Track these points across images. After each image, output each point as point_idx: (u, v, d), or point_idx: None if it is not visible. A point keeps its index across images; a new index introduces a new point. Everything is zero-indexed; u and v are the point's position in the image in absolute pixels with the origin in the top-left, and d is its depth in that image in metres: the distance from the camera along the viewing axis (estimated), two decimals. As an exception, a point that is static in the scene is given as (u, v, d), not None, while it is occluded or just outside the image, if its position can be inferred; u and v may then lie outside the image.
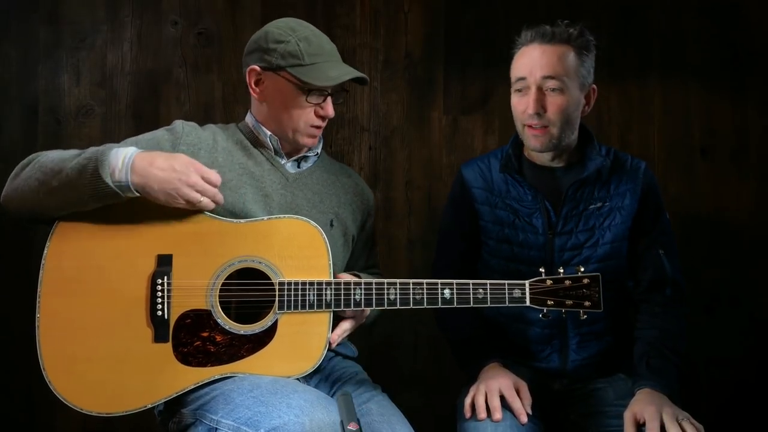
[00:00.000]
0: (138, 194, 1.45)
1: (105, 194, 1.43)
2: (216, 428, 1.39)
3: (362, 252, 1.86)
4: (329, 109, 1.66)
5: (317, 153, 1.75)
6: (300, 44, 1.60)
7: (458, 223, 1.86)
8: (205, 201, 1.49)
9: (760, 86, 2.46)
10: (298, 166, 1.73)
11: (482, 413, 1.56)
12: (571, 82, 1.66)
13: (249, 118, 1.73)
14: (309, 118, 1.65)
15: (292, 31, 1.62)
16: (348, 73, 1.64)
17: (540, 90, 1.66)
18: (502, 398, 1.58)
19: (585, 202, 1.73)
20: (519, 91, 1.71)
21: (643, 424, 1.48)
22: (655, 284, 1.72)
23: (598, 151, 1.75)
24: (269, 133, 1.67)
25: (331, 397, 1.61)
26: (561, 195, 1.73)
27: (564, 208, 1.73)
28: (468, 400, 1.60)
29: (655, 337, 1.66)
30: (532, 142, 1.71)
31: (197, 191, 1.47)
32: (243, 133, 1.71)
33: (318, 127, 1.67)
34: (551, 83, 1.65)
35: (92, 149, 1.47)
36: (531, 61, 1.67)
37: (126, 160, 1.43)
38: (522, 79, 1.69)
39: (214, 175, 1.51)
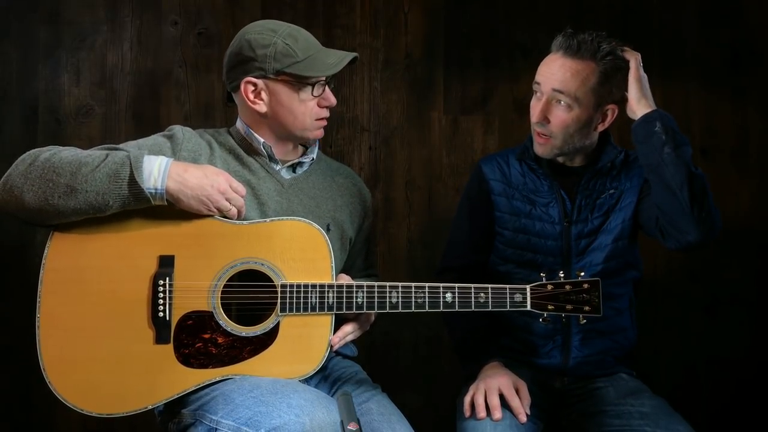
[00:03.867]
0: (166, 203, 1.45)
1: (137, 200, 1.42)
2: (216, 428, 1.38)
3: (360, 253, 1.86)
4: (332, 98, 1.66)
5: (312, 157, 1.74)
6: (288, 42, 1.58)
7: (473, 214, 1.88)
8: (233, 210, 1.50)
9: (760, 86, 2.47)
10: (294, 172, 1.72)
11: (482, 412, 1.57)
12: (583, 99, 1.66)
13: (240, 125, 1.70)
14: (314, 112, 1.64)
15: (273, 33, 1.60)
16: (345, 55, 1.64)
17: (548, 101, 1.68)
18: (502, 397, 1.59)
19: (598, 192, 1.76)
20: (535, 93, 1.73)
21: None
22: None
23: (613, 147, 1.79)
24: (262, 140, 1.65)
25: (332, 396, 1.62)
26: (575, 185, 1.76)
27: (578, 196, 1.76)
28: (467, 399, 1.61)
29: None
30: (536, 147, 1.76)
31: (227, 199, 1.48)
32: (235, 141, 1.68)
33: (324, 118, 1.67)
34: (559, 97, 1.66)
35: (116, 154, 1.45)
36: (549, 70, 1.68)
37: (162, 167, 1.44)
38: (537, 83, 1.71)
39: (241, 186, 1.52)
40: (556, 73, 1.66)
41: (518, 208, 1.80)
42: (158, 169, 1.43)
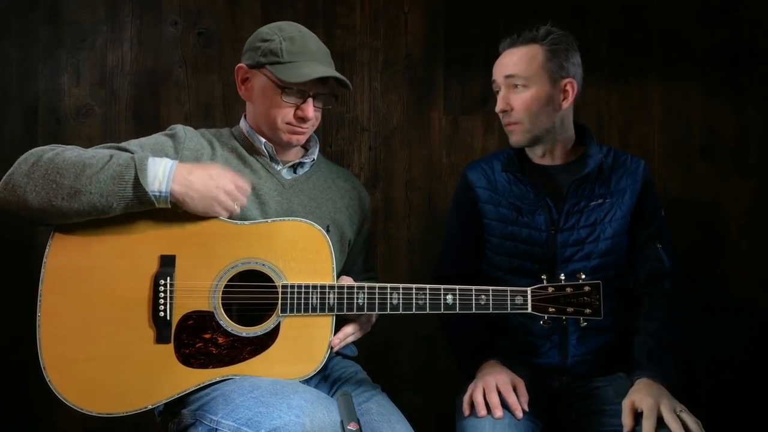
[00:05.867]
0: (169, 206, 1.45)
1: (141, 202, 1.42)
2: (216, 429, 1.38)
3: (359, 255, 1.86)
4: (308, 111, 1.62)
5: (313, 158, 1.75)
6: (283, 43, 1.60)
7: (462, 222, 1.89)
8: (237, 210, 1.51)
9: (760, 86, 2.47)
10: (294, 172, 1.72)
11: (482, 410, 1.57)
12: (537, 77, 1.74)
13: (243, 125, 1.72)
14: (286, 116, 1.63)
15: (280, 31, 1.62)
16: (320, 72, 1.59)
17: (506, 89, 1.77)
18: (500, 395, 1.59)
19: (586, 199, 1.76)
20: (496, 94, 1.82)
21: (641, 414, 1.49)
22: (654, 277, 1.75)
23: (598, 147, 1.80)
24: (263, 140, 1.66)
25: (331, 396, 1.62)
26: (562, 192, 1.77)
27: (566, 204, 1.76)
28: (466, 398, 1.62)
29: (655, 328, 1.68)
30: (510, 137, 1.81)
31: (232, 199, 1.49)
32: (238, 140, 1.69)
33: (294, 126, 1.64)
34: (513, 80, 1.76)
35: (120, 155, 1.44)
36: (499, 65, 1.81)
37: (167, 169, 1.44)
38: (493, 81, 1.82)
39: (246, 183, 1.53)
40: (505, 63, 1.78)
41: (505, 215, 1.81)
42: (163, 172, 1.43)
